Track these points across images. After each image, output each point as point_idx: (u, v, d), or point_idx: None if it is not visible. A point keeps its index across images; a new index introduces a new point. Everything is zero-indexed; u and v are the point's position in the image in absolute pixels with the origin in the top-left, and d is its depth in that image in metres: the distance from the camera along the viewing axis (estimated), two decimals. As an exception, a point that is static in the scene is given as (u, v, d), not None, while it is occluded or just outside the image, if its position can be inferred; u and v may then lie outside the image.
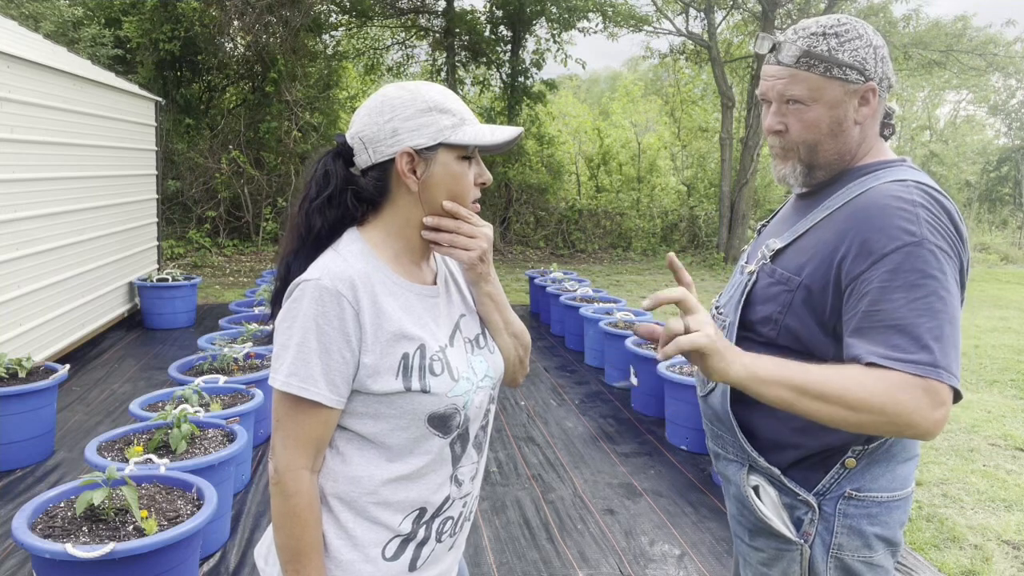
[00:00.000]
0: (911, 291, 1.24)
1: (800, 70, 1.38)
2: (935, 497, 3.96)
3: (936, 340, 1.22)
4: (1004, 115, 24.00)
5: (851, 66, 1.36)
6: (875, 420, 1.21)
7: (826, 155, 1.43)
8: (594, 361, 6.25)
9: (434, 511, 1.32)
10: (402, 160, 1.26)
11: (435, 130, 1.25)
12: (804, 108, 1.39)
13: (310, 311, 1.20)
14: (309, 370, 1.20)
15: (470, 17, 13.82)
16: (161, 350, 6.29)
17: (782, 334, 1.40)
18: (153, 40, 11.31)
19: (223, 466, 3.11)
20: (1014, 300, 10.71)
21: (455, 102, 1.29)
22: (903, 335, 1.23)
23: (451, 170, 1.28)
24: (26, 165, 5.13)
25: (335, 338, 1.21)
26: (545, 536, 3.38)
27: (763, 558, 1.47)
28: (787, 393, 1.23)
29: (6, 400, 3.81)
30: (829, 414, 1.23)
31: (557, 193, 14.79)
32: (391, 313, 1.25)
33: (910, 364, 1.21)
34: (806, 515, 1.40)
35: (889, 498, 1.40)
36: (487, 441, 1.42)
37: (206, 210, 11.80)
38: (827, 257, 1.35)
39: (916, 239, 1.26)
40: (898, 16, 14.59)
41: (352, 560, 1.28)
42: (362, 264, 1.26)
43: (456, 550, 1.41)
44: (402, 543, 1.30)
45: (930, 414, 1.20)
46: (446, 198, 1.29)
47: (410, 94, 1.27)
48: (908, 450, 1.43)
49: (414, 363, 1.25)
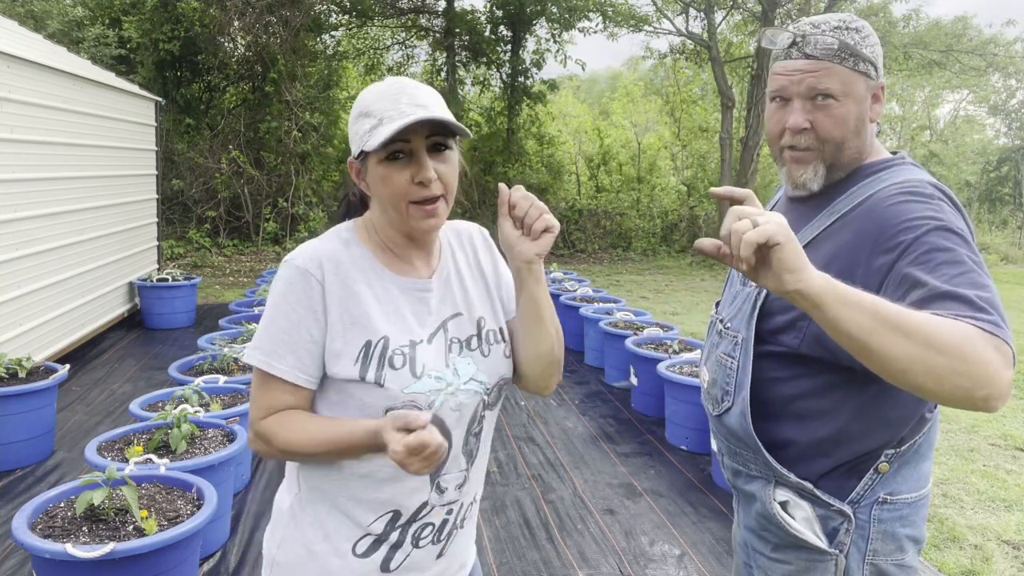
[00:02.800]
0: (954, 267, 1.18)
1: (834, 63, 1.32)
2: (935, 497, 3.96)
3: (992, 307, 1.13)
4: (1004, 115, 23.99)
5: (871, 62, 1.34)
6: (954, 367, 1.06)
7: (849, 153, 1.38)
8: (594, 361, 6.25)
9: (410, 516, 1.30)
10: (352, 169, 1.31)
11: (358, 137, 1.26)
12: (834, 104, 1.33)
13: (281, 288, 1.26)
14: (274, 345, 1.25)
15: (470, 17, 13.81)
16: (161, 350, 6.29)
17: (807, 341, 1.35)
18: (153, 40, 11.30)
19: (223, 466, 3.11)
20: (1014, 300, 10.71)
21: (383, 100, 1.23)
22: (957, 301, 1.13)
23: (378, 173, 1.25)
24: (26, 165, 5.13)
25: (303, 315, 1.24)
26: (545, 536, 3.38)
27: (791, 570, 1.42)
28: (867, 319, 1.07)
29: (6, 400, 3.81)
30: (907, 352, 1.06)
31: (557, 193, 14.78)
32: (361, 298, 1.26)
33: (978, 320, 1.10)
34: (841, 525, 1.37)
35: (916, 497, 1.39)
36: (483, 449, 1.37)
37: (206, 210, 11.79)
38: (852, 259, 1.30)
39: (942, 222, 1.24)
40: (898, 16, 14.60)
41: (324, 552, 1.29)
42: (338, 248, 1.29)
43: (449, 558, 1.37)
44: (374, 542, 1.30)
45: (999, 371, 1.08)
46: (386, 201, 1.26)
47: (357, 101, 1.29)
48: (931, 446, 1.42)
49: (375, 352, 1.25)
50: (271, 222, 12.01)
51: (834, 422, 1.35)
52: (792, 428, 1.39)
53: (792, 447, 1.40)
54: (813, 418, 1.37)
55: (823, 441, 1.37)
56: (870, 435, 1.32)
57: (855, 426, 1.32)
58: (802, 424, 1.38)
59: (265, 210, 11.99)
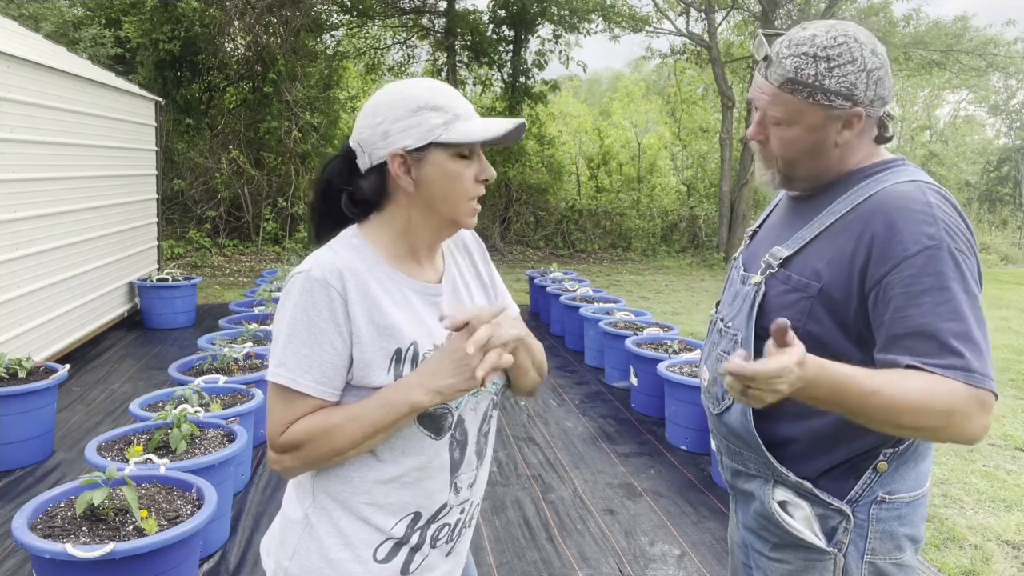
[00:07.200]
0: (935, 294, 1.23)
1: (784, 92, 1.35)
2: (935, 497, 3.96)
3: (966, 343, 1.21)
4: (1004, 115, 24.00)
5: (837, 92, 1.32)
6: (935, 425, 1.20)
7: (804, 171, 1.42)
8: (594, 361, 6.25)
9: (430, 517, 1.31)
10: (394, 162, 1.25)
11: (424, 130, 1.23)
12: (784, 127, 1.38)
13: (300, 302, 1.21)
14: (299, 361, 1.21)
15: (472, 17, 13.81)
16: (161, 350, 6.29)
17: (804, 341, 1.34)
18: (153, 40, 11.31)
19: (223, 466, 3.11)
20: (1014, 300, 10.71)
21: (448, 98, 1.26)
22: (934, 342, 1.22)
23: (445, 169, 1.25)
24: (26, 165, 5.13)
25: (325, 328, 1.21)
26: (545, 536, 3.38)
27: (789, 569, 1.43)
28: (848, 410, 1.24)
29: (6, 400, 3.81)
30: (888, 427, 1.23)
31: (557, 193, 14.78)
32: (384, 307, 1.25)
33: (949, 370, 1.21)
34: (840, 524, 1.38)
35: (915, 497, 1.40)
36: (489, 449, 1.40)
37: (206, 210, 11.80)
38: (846, 262, 1.32)
39: (935, 242, 1.25)
40: (898, 16, 14.61)
41: (343, 559, 1.27)
42: (353, 257, 1.26)
43: (456, 556, 1.40)
44: (395, 546, 1.29)
45: (980, 420, 1.20)
46: (442, 198, 1.27)
47: (400, 94, 1.26)
48: (930, 447, 1.42)
49: (406, 359, 1.25)
50: (271, 222, 12.01)
51: (833, 421, 1.36)
52: (791, 427, 1.40)
53: (791, 446, 1.41)
54: (812, 417, 1.37)
55: (822, 440, 1.38)
56: (868, 434, 1.32)
57: (853, 425, 1.32)
58: (801, 423, 1.38)
59: (265, 210, 12.00)
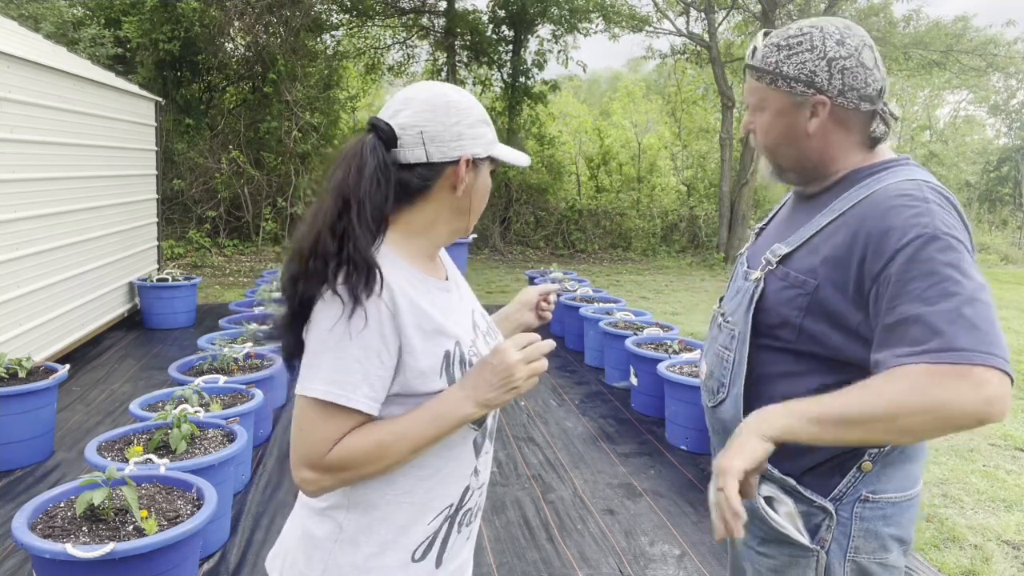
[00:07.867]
0: (925, 279, 1.23)
1: (753, 79, 1.47)
2: (935, 497, 3.96)
3: (950, 323, 1.18)
4: (1004, 115, 24.00)
5: (796, 79, 1.40)
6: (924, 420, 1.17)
7: (786, 160, 1.48)
8: (594, 361, 6.25)
9: (458, 504, 1.33)
10: (463, 165, 1.27)
11: (487, 142, 1.30)
12: (759, 114, 1.48)
13: (346, 316, 1.17)
14: (349, 376, 1.17)
15: (472, 17, 13.81)
16: (161, 350, 6.29)
17: (801, 338, 1.38)
18: (153, 40, 11.30)
19: (223, 466, 3.11)
20: (1014, 300, 10.71)
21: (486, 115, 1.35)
22: (919, 325, 1.20)
23: (487, 183, 1.34)
24: (26, 165, 5.13)
25: (372, 342, 1.17)
26: (545, 536, 3.38)
27: (774, 564, 1.45)
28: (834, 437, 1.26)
29: (6, 400, 3.81)
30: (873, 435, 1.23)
31: (557, 193, 14.78)
32: (427, 310, 1.24)
33: (930, 354, 1.18)
34: (823, 521, 1.39)
35: (902, 498, 1.40)
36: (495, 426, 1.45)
37: (206, 210, 11.79)
38: (843, 259, 1.33)
39: (929, 231, 1.25)
40: (898, 16, 14.60)
41: (382, 566, 1.26)
42: (386, 265, 1.22)
43: (472, 540, 1.42)
44: (430, 542, 1.30)
45: (974, 396, 1.15)
46: (476, 208, 1.34)
47: (470, 102, 1.29)
48: (919, 449, 1.42)
49: (455, 359, 1.26)
50: (271, 222, 12.01)
51: None
52: None
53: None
54: None
55: None
56: None
57: None
58: None
59: (265, 210, 11.99)
